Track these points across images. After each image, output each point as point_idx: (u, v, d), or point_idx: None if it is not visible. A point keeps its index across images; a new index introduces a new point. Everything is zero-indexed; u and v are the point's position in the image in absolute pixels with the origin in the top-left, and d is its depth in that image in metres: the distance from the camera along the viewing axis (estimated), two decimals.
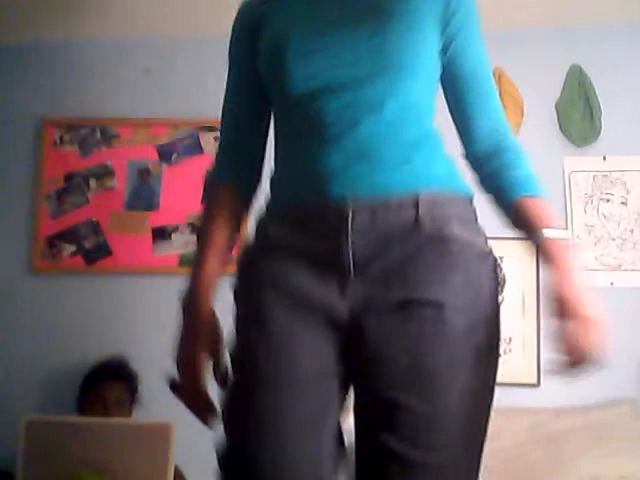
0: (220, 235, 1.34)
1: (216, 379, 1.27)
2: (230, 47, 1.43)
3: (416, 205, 1.21)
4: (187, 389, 1.27)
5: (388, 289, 1.20)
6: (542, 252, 1.23)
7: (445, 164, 1.30)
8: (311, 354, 1.20)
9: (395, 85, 1.24)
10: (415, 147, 1.25)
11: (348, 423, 1.25)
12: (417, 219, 1.21)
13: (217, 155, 1.44)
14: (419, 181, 1.24)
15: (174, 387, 1.28)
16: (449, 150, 1.34)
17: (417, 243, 1.21)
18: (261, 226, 1.32)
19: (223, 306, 1.31)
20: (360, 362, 1.21)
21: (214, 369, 1.28)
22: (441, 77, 1.33)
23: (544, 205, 1.28)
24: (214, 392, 1.27)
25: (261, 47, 1.33)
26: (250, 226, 1.36)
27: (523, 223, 1.28)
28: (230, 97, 1.43)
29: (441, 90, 1.38)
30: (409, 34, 1.25)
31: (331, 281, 1.21)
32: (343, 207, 1.20)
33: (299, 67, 1.25)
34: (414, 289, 1.19)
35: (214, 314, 1.30)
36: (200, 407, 1.27)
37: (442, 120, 1.36)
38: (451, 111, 1.36)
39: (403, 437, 1.16)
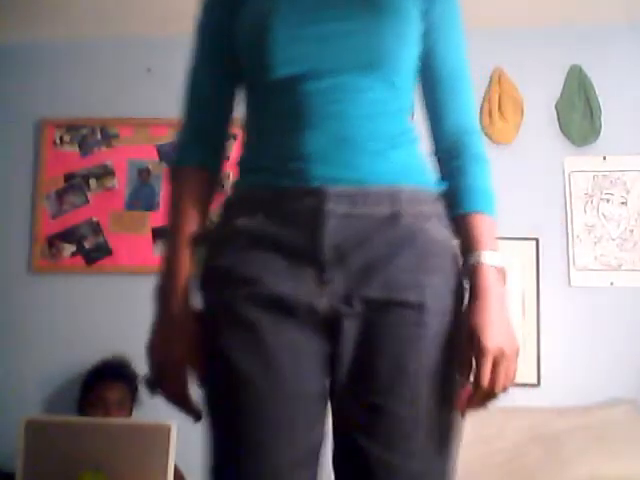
0: (193, 223, 1.27)
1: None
2: (203, 14, 1.35)
3: (396, 198, 1.19)
4: (173, 393, 1.24)
5: (368, 285, 1.17)
6: (469, 276, 1.21)
7: (422, 161, 1.28)
8: (301, 371, 1.17)
9: (378, 79, 1.22)
10: (395, 140, 1.24)
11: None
12: (398, 213, 1.19)
13: (183, 134, 1.35)
14: (399, 173, 1.22)
15: (155, 386, 1.25)
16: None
17: (398, 238, 1.18)
18: (228, 212, 1.25)
19: None
20: (339, 362, 1.18)
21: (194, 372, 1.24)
22: (418, 68, 1.31)
23: (487, 225, 1.25)
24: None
25: (240, 25, 1.27)
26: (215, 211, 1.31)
27: (462, 240, 1.25)
28: (199, 69, 1.35)
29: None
30: (397, 31, 1.23)
31: (307, 274, 1.17)
32: (321, 191, 1.17)
33: (282, 52, 1.21)
34: (395, 290, 1.17)
35: (192, 311, 1.24)
36: (187, 406, 1.25)
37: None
38: (424, 103, 1.34)
39: (385, 442, 1.15)
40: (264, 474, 1.15)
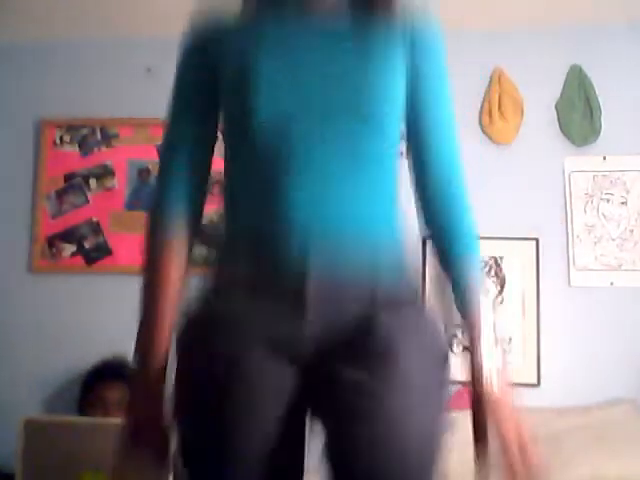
0: (177, 279, 1.32)
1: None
2: (184, 68, 1.42)
3: (375, 284, 1.20)
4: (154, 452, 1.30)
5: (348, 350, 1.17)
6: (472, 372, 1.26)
7: (400, 209, 1.29)
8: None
9: (365, 124, 1.21)
10: (379, 185, 1.25)
11: None
12: (376, 297, 1.19)
13: (164, 183, 1.37)
14: (381, 222, 1.24)
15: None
16: None
17: (374, 319, 1.18)
18: (207, 293, 1.28)
19: None
20: (330, 415, 1.18)
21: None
22: (404, 117, 1.30)
23: (477, 266, 1.30)
24: None
25: (223, 76, 1.27)
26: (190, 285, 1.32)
27: (460, 312, 1.28)
28: (182, 120, 1.41)
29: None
30: (384, 75, 1.23)
31: (288, 323, 1.18)
32: (301, 275, 1.17)
33: (266, 96, 1.20)
34: (375, 348, 1.17)
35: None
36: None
37: None
38: (408, 150, 1.33)
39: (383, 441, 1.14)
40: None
